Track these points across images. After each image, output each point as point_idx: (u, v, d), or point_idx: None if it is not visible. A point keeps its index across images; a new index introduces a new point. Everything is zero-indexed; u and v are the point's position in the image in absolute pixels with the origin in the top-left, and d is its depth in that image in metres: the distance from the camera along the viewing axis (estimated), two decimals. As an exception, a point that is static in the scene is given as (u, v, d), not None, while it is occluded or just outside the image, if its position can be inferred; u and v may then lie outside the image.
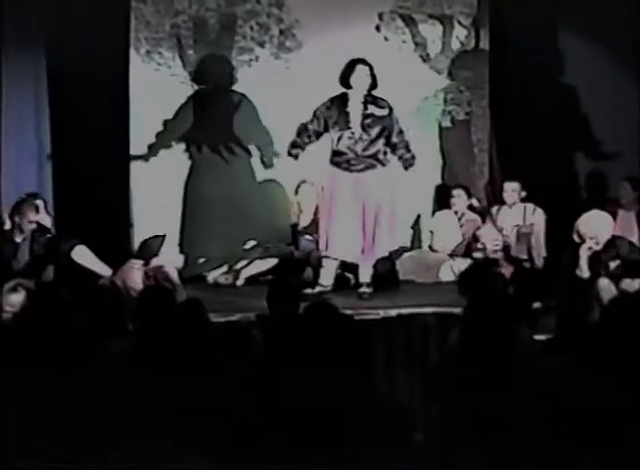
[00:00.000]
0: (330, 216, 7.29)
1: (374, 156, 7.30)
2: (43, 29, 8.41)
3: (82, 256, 7.12)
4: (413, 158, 7.38)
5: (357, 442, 3.77)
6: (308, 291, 7.16)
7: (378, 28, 8.73)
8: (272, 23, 8.68)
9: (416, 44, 8.79)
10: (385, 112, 7.30)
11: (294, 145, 7.39)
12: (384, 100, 7.34)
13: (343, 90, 7.34)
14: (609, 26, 8.70)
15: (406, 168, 7.40)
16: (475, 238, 8.26)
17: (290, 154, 7.44)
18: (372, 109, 7.29)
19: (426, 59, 8.82)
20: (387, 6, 8.74)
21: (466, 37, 8.85)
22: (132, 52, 8.52)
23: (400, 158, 7.37)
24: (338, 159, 7.31)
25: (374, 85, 7.30)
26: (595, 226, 7.13)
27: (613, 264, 6.99)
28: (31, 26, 8.30)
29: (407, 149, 7.38)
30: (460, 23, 8.83)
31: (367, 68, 7.27)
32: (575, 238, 7.15)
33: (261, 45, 8.69)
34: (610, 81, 8.79)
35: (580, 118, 8.88)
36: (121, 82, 8.43)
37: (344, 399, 3.87)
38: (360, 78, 7.26)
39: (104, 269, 7.08)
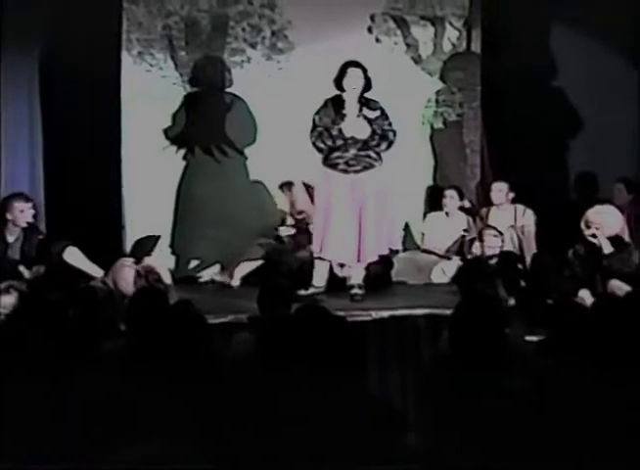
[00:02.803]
0: (326, 218, 7.27)
1: (368, 156, 7.30)
2: (36, 30, 8.40)
3: (74, 257, 7.12)
4: (390, 144, 7.34)
5: (349, 443, 3.77)
6: (302, 292, 7.17)
7: (370, 30, 8.74)
8: (264, 24, 8.68)
9: (408, 46, 8.80)
10: (377, 113, 7.31)
11: (326, 159, 7.36)
12: (375, 102, 7.34)
13: (337, 92, 7.34)
14: (602, 27, 8.73)
15: (388, 146, 7.35)
16: (479, 238, 8.20)
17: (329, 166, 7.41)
18: (365, 111, 7.30)
19: (417, 60, 8.83)
20: (378, 7, 8.76)
21: (457, 39, 8.86)
22: (124, 53, 8.51)
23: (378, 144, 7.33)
24: (332, 160, 7.30)
25: (367, 87, 7.31)
26: (604, 217, 7.24)
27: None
28: (24, 28, 8.29)
29: (386, 138, 7.34)
30: (452, 24, 8.84)
31: (360, 70, 7.28)
32: (583, 226, 7.23)
33: (253, 46, 8.69)
34: (602, 82, 8.81)
35: (573, 119, 8.89)
36: (113, 83, 8.41)
37: (336, 401, 3.87)
38: (352, 81, 7.27)
39: (95, 270, 7.07)
